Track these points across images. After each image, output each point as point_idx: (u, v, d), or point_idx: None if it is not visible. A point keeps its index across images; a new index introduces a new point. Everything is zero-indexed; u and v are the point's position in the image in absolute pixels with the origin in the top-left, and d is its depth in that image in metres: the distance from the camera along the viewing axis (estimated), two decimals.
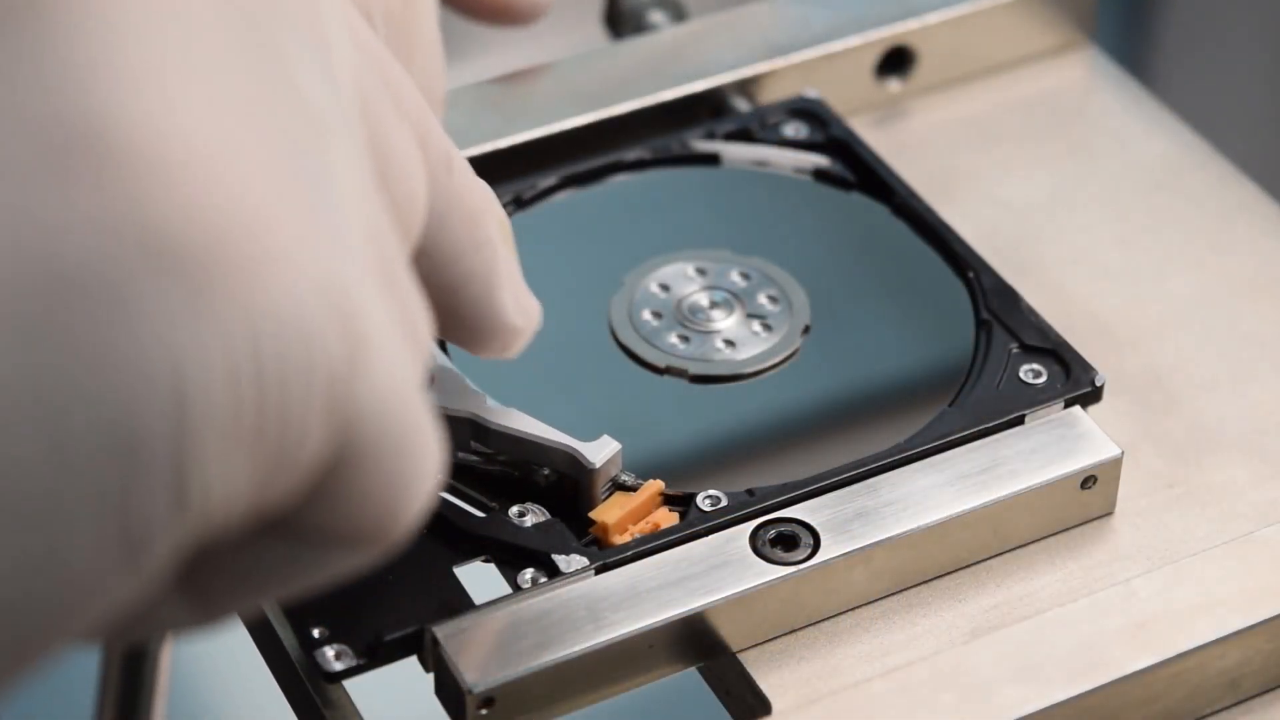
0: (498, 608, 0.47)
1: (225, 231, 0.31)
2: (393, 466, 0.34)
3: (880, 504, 0.49)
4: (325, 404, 0.33)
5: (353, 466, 0.34)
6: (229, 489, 0.32)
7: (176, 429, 0.31)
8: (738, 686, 0.48)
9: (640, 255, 0.57)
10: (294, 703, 0.48)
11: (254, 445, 0.32)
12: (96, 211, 0.31)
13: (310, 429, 0.33)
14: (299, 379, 0.32)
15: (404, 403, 0.34)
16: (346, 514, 0.35)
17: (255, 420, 0.32)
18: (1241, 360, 0.56)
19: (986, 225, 0.59)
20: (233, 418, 0.32)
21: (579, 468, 0.49)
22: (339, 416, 0.33)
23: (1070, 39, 0.65)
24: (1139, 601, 0.48)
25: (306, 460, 0.33)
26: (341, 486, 0.34)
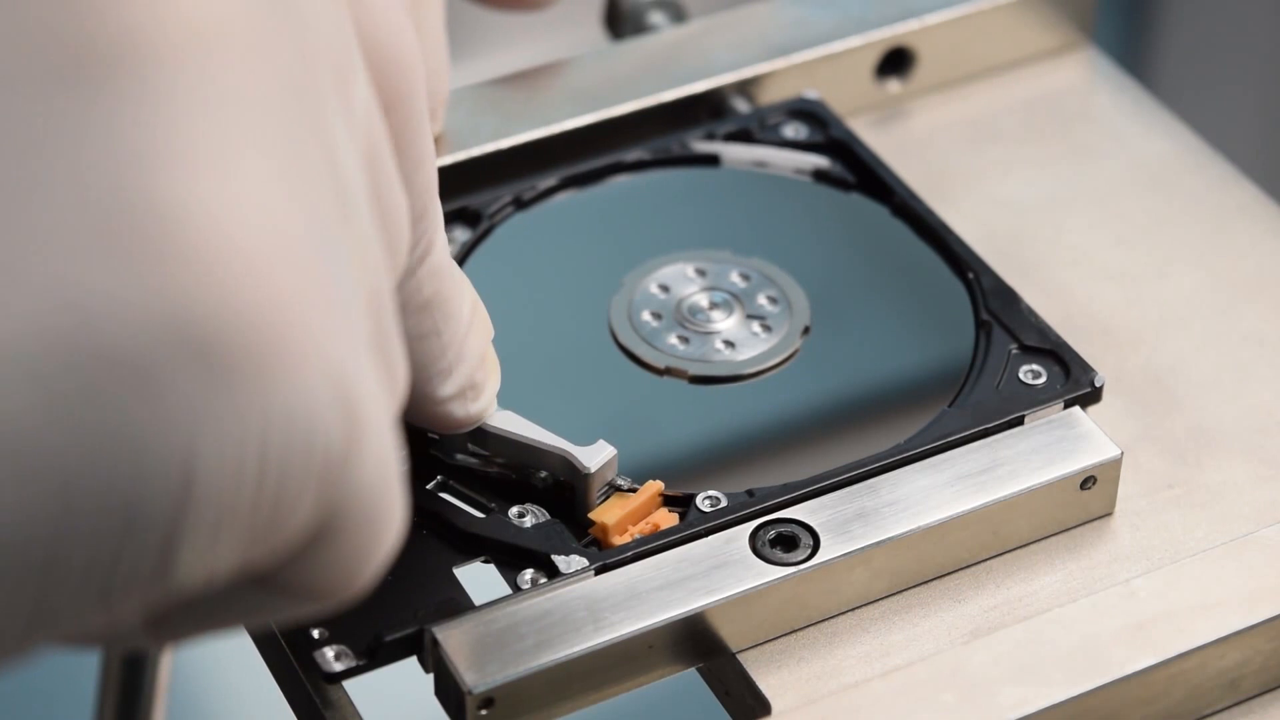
0: (497, 608, 0.47)
1: (258, 330, 0.32)
2: (370, 534, 0.36)
3: (880, 504, 0.49)
4: (318, 486, 0.34)
5: (335, 536, 0.35)
6: (212, 564, 0.34)
7: (175, 508, 0.32)
8: (737, 687, 0.48)
9: (640, 256, 0.57)
10: (294, 703, 0.48)
11: (245, 523, 0.33)
12: (139, 295, 0.31)
13: (300, 508, 0.34)
14: (299, 466, 0.33)
15: (386, 478, 0.36)
16: (321, 574, 0.36)
17: (251, 501, 0.33)
18: (1241, 360, 0.56)
19: (986, 226, 0.59)
20: (231, 500, 0.33)
21: (574, 472, 0.49)
22: (329, 497, 0.34)
23: (1070, 39, 0.65)
24: (1139, 602, 0.48)
25: (291, 534, 0.34)
26: (321, 552, 0.35)
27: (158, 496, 0.32)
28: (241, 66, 0.33)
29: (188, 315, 0.32)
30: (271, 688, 0.49)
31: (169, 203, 0.32)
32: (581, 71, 0.61)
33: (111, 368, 0.31)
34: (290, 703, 0.49)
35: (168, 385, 0.32)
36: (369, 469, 0.35)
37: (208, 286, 0.32)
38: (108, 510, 0.32)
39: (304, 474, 0.34)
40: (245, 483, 0.33)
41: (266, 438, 0.33)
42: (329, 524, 0.35)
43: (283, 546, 0.35)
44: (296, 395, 0.33)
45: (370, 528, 0.36)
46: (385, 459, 0.35)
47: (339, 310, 0.34)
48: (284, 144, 0.34)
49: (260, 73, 0.33)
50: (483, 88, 0.61)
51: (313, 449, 0.34)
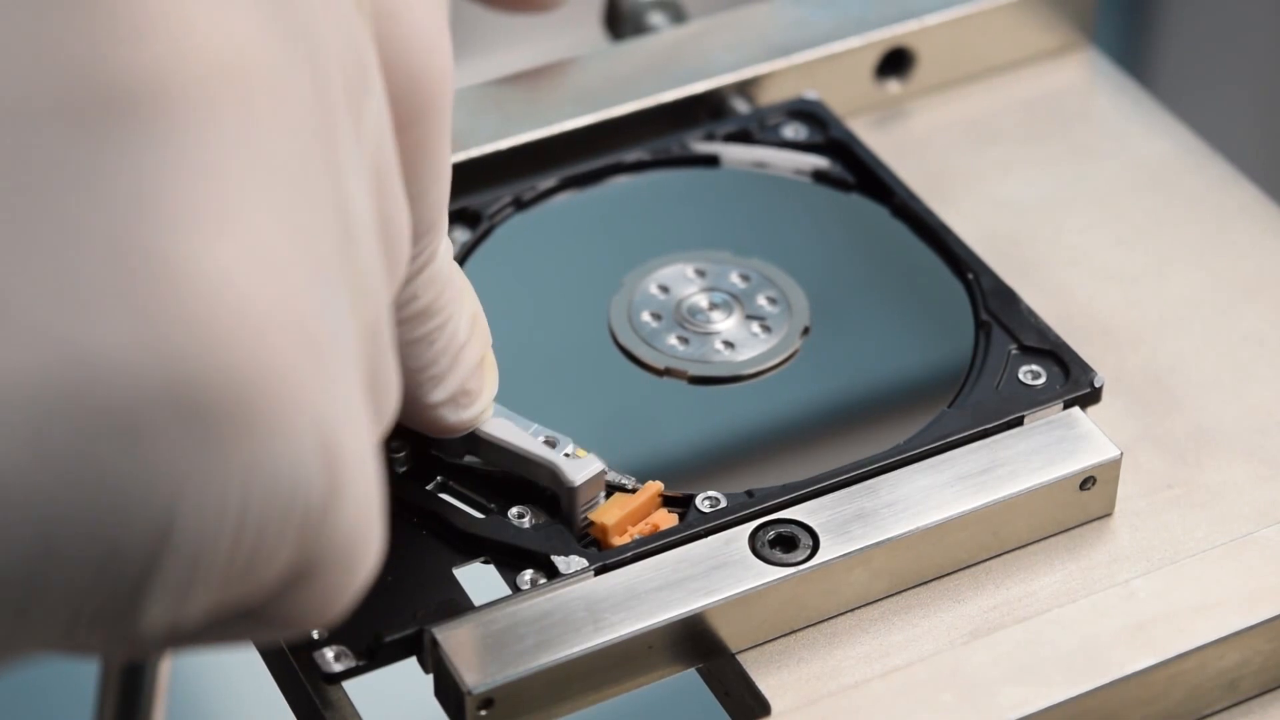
0: (497, 609, 0.47)
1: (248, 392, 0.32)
2: (347, 574, 0.36)
3: (880, 505, 0.49)
4: (297, 538, 0.34)
5: (311, 579, 0.35)
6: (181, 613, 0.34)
7: (151, 560, 0.33)
8: (737, 687, 0.48)
9: (640, 256, 0.57)
10: (293, 704, 0.48)
11: (220, 573, 0.34)
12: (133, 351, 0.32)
13: (278, 559, 0.34)
14: (278, 520, 0.34)
15: (366, 520, 0.36)
16: (297, 610, 0.36)
17: (228, 554, 0.33)
18: (1241, 360, 0.56)
19: (986, 226, 0.59)
20: (207, 558, 0.33)
21: (559, 485, 0.49)
22: (306, 549, 0.34)
23: (1070, 40, 0.65)
24: (1138, 602, 0.48)
25: (268, 581, 0.35)
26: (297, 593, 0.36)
27: (136, 545, 0.32)
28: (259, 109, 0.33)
29: (180, 374, 0.32)
30: (271, 688, 0.49)
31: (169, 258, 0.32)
32: (582, 71, 0.61)
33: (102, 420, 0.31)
34: (290, 703, 0.49)
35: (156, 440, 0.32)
36: (349, 516, 0.35)
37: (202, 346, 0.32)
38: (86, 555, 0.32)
39: (283, 527, 0.34)
40: (223, 536, 0.33)
41: (248, 494, 0.33)
42: (306, 569, 0.35)
43: (257, 592, 0.35)
44: (281, 453, 0.33)
45: (348, 569, 0.36)
46: (366, 500, 0.35)
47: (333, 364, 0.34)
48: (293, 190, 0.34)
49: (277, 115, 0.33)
50: (483, 88, 0.61)
51: (293, 504, 0.34)
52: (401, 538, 0.49)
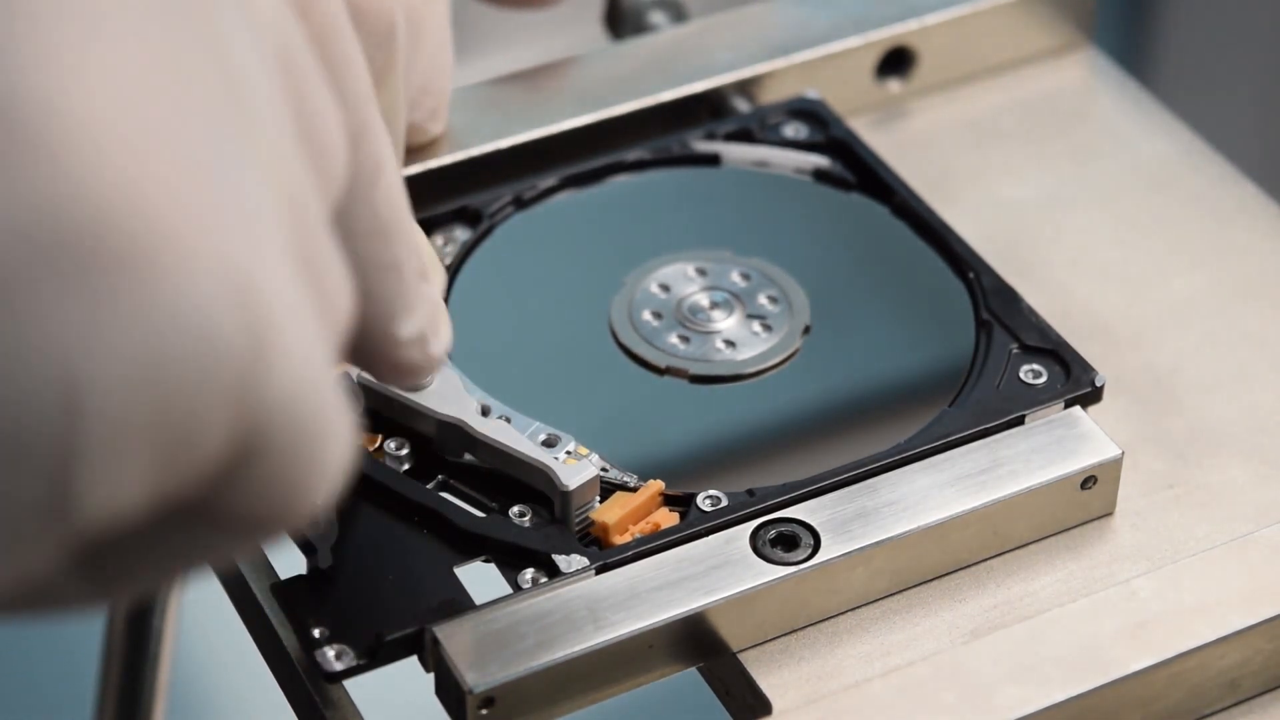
0: (498, 608, 0.47)
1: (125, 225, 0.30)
2: (301, 454, 0.33)
3: (880, 504, 0.49)
4: (228, 402, 0.31)
5: (260, 457, 0.33)
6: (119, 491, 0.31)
7: (64, 434, 0.30)
8: (738, 686, 0.48)
9: (640, 256, 0.57)
10: (294, 703, 0.48)
11: (149, 448, 0.31)
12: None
13: (212, 428, 0.32)
14: (199, 379, 0.31)
15: (314, 389, 0.33)
16: (252, 501, 0.33)
17: (151, 423, 0.31)
18: (1241, 360, 0.56)
19: (986, 226, 0.59)
20: (126, 422, 0.30)
21: (553, 488, 0.49)
22: (244, 413, 0.32)
23: (1070, 40, 0.65)
24: (1139, 602, 0.48)
25: (207, 458, 0.32)
26: (248, 476, 0.33)
27: (41, 421, 0.29)
28: None
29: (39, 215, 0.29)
30: (272, 687, 0.49)
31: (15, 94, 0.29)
32: (582, 71, 0.61)
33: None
34: (291, 702, 0.49)
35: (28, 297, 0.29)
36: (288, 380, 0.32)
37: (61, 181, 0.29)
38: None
39: (206, 385, 0.31)
40: (139, 401, 0.30)
41: (153, 344, 0.30)
42: (251, 443, 0.32)
43: (201, 471, 0.32)
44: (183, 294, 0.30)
45: (300, 447, 0.33)
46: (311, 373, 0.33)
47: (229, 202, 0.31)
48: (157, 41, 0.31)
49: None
50: (483, 87, 0.61)
51: (213, 359, 0.31)
52: (402, 536, 0.49)
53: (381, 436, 0.51)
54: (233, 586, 0.50)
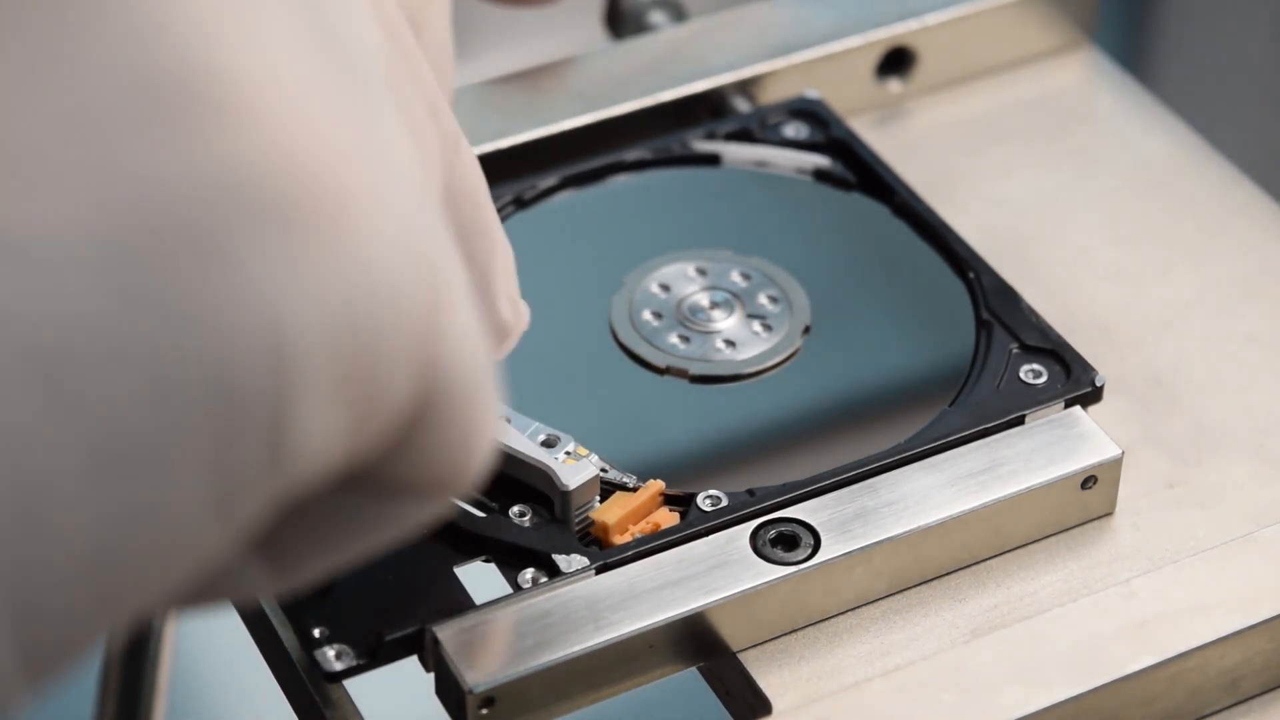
0: (498, 608, 0.47)
1: (318, 181, 0.31)
2: (467, 414, 0.35)
3: (880, 504, 0.49)
4: (411, 355, 0.33)
5: (435, 413, 0.34)
6: (323, 443, 0.32)
7: (274, 382, 0.31)
8: (738, 686, 0.48)
9: (640, 255, 0.57)
10: (294, 702, 0.48)
11: (347, 398, 0.32)
12: (192, 162, 0.30)
13: (399, 380, 0.33)
14: (390, 329, 0.32)
15: (476, 349, 0.35)
16: (424, 464, 0.35)
17: (349, 373, 0.32)
18: (1241, 360, 0.56)
19: (987, 225, 0.59)
20: (328, 371, 0.32)
21: (553, 488, 0.49)
22: (425, 366, 0.33)
23: (1070, 39, 0.65)
24: (1139, 601, 0.48)
25: (394, 411, 0.33)
26: (421, 437, 0.34)
27: (251, 371, 0.30)
28: None
29: (245, 175, 0.30)
30: (272, 687, 0.49)
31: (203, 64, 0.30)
32: (582, 71, 0.61)
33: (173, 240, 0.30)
34: (291, 702, 0.49)
35: (234, 249, 0.30)
36: (458, 338, 0.34)
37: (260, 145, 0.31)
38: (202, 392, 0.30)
39: (396, 335, 0.32)
40: (337, 346, 0.31)
41: (349, 296, 0.31)
42: (430, 400, 0.34)
43: (387, 426, 0.33)
44: (372, 249, 0.32)
45: (471, 405, 0.34)
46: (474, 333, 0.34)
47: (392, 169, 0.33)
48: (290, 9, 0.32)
49: None
50: (483, 87, 0.61)
51: (400, 307, 0.32)
52: None
53: None
54: None
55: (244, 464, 0.31)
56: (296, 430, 0.32)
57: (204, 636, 0.99)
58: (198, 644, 0.99)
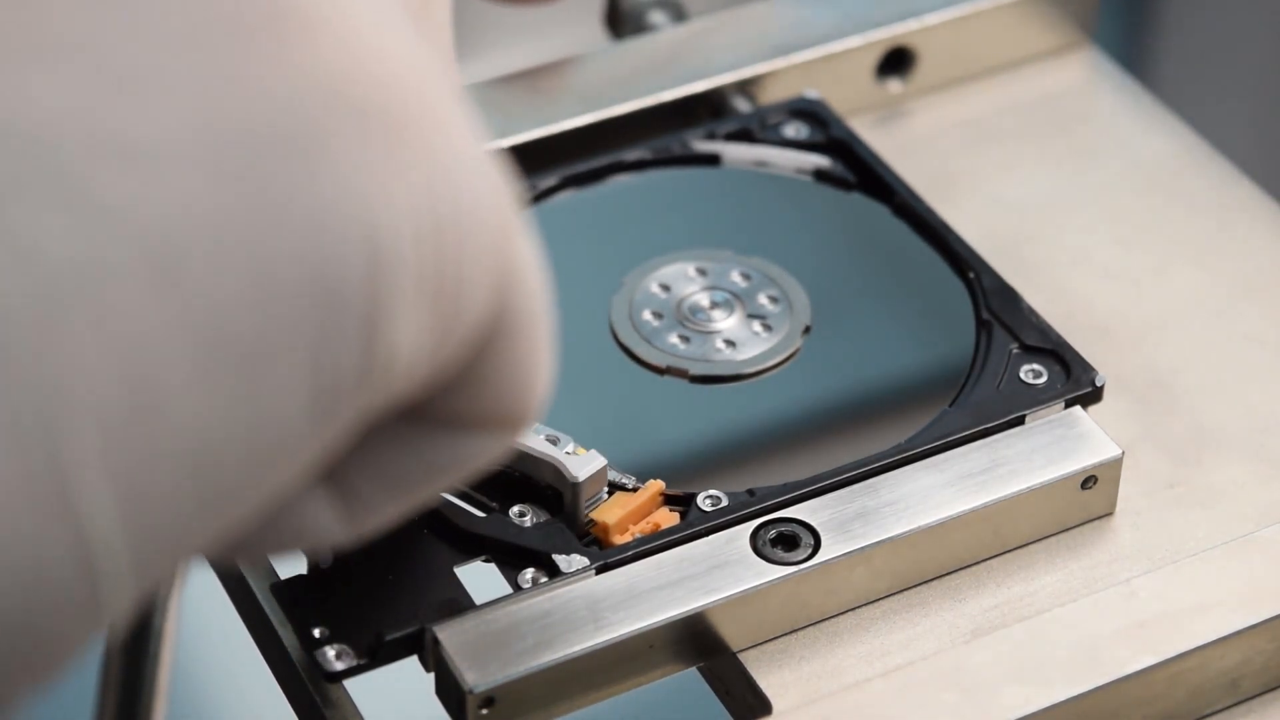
0: (498, 608, 0.47)
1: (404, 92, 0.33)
2: (532, 342, 0.36)
3: (881, 504, 0.49)
4: (490, 267, 0.34)
5: (502, 341, 0.35)
6: (411, 353, 0.33)
7: (369, 282, 0.32)
8: (738, 686, 0.48)
9: (640, 255, 0.57)
10: (294, 702, 0.48)
11: (434, 302, 0.33)
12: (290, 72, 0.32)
13: (478, 293, 0.34)
14: (471, 240, 0.34)
15: (540, 280, 0.36)
16: (490, 393, 0.36)
17: (435, 276, 0.33)
18: (1241, 360, 0.56)
19: (987, 225, 0.59)
20: (417, 272, 0.33)
21: (562, 481, 0.49)
22: (500, 282, 0.35)
23: (1071, 39, 0.65)
24: (1139, 601, 0.48)
25: (472, 326, 0.35)
26: (490, 363, 0.36)
27: (347, 266, 0.32)
28: None
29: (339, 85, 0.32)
30: (272, 687, 0.49)
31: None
32: (582, 71, 0.61)
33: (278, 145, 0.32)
34: (291, 702, 0.49)
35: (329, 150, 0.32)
36: (525, 257, 0.35)
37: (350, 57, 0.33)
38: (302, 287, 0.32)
39: (476, 246, 0.34)
40: (425, 250, 0.33)
41: (435, 203, 0.33)
42: (501, 322, 0.35)
43: (465, 342, 0.35)
44: (453, 160, 0.33)
45: (536, 332, 0.36)
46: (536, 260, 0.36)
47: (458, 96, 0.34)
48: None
49: None
50: (483, 87, 0.61)
51: (479, 219, 0.34)
52: (402, 537, 0.49)
53: None
54: (233, 586, 0.50)
55: (339, 367, 0.32)
56: (388, 335, 0.33)
57: (204, 636, 0.99)
58: (198, 644, 0.99)
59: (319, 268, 0.32)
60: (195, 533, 0.32)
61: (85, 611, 0.31)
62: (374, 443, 0.37)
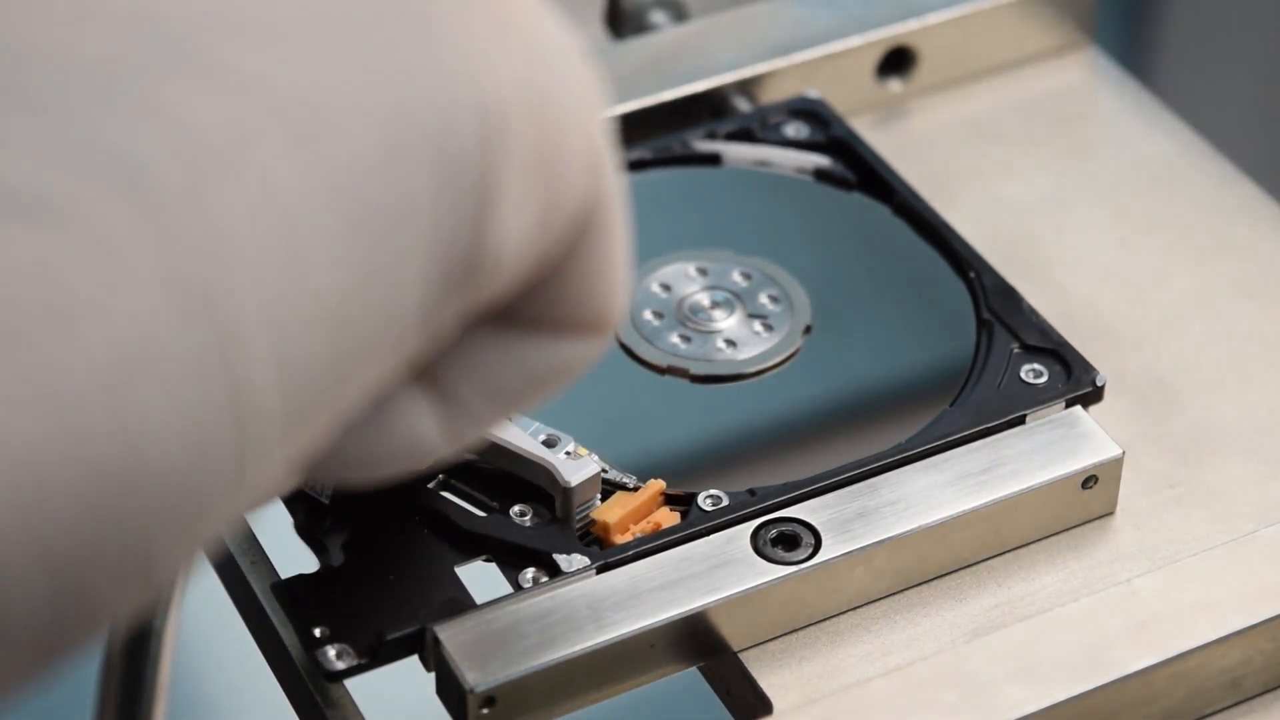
0: (499, 607, 0.47)
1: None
2: (617, 236, 0.37)
3: (881, 504, 0.49)
4: (584, 146, 0.35)
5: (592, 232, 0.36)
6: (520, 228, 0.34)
7: (481, 144, 0.33)
8: (739, 686, 0.48)
9: (641, 255, 0.56)
10: (295, 702, 0.48)
11: (537, 180, 0.34)
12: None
13: (576, 171, 0.35)
14: (569, 121, 0.35)
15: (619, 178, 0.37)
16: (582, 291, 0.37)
17: (538, 148, 0.34)
18: (1241, 360, 0.56)
19: (987, 225, 0.59)
20: (521, 143, 0.34)
21: (555, 485, 0.49)
22: (592, 163, 0.36)
23: (1071, 39, 0.65)
24: (1140, 601, 0.48)
25: (571, 209, 0.35)
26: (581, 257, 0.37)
27: (463, 133, 0.33)
28: None
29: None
30: (273, 687, 0.49)
31: None
32: None
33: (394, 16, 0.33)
34: (291, 702, 0.49)
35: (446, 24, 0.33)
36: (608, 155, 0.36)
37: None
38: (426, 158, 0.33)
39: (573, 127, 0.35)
40: (528, 124, 0.34)
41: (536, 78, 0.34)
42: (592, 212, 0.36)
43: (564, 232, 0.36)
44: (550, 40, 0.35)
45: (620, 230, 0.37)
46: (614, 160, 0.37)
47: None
48: None
49: None
50: None
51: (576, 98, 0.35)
52: (403, 536, 0.49)
53: None
54: (233, 585, 0.50)
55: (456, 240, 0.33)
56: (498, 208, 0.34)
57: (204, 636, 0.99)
58: (198, 644, 0.99)
59: (439, 133, 0.33)
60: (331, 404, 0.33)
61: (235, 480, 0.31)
62: (474, 347, 0.37)
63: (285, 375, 0.31)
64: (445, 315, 0.34)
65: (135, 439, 0.30)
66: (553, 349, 0.38)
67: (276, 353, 0.31)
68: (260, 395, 0.31)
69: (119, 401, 0.29)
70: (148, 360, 0.30)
